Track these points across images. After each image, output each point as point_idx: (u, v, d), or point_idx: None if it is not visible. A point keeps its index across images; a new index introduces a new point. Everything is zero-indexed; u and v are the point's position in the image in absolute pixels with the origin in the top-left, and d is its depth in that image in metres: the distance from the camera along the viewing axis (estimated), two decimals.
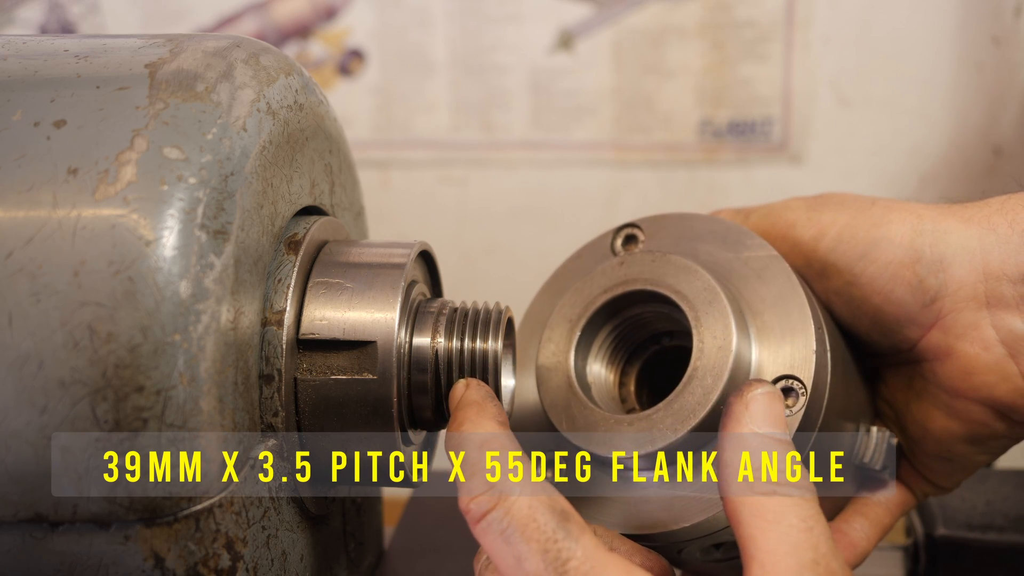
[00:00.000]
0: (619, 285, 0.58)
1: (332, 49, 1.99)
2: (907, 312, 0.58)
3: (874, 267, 0.59)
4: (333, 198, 0.61)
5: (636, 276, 0.58)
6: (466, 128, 2.00)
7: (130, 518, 0.44)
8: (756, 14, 1.88)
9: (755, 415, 0.49)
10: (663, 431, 0.53)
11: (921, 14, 1.82)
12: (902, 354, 0.61)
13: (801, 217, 0.61)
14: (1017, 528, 0.70)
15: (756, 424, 0.49)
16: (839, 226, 0.60)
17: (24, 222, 0.44)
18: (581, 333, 0.59)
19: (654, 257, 0.58)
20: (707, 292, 0.55)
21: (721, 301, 0.54)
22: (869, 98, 1.84)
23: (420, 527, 0.78)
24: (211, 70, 0.49)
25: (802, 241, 0.61)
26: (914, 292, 0.58)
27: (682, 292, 0.56)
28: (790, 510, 0.47)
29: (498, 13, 1.94)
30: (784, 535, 0.46)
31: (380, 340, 0.52)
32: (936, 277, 0.57)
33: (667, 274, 0.57)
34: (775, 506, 0.47)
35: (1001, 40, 1.80)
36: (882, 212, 0.60)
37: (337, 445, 0.53)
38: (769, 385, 0.50)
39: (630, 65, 1.94)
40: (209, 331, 0.45)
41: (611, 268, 0.59)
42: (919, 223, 0.58)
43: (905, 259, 0.58)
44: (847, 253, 0.59)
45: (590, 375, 0.59)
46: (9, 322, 0.43)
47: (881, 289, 0.59)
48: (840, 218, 0.60)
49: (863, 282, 0.59)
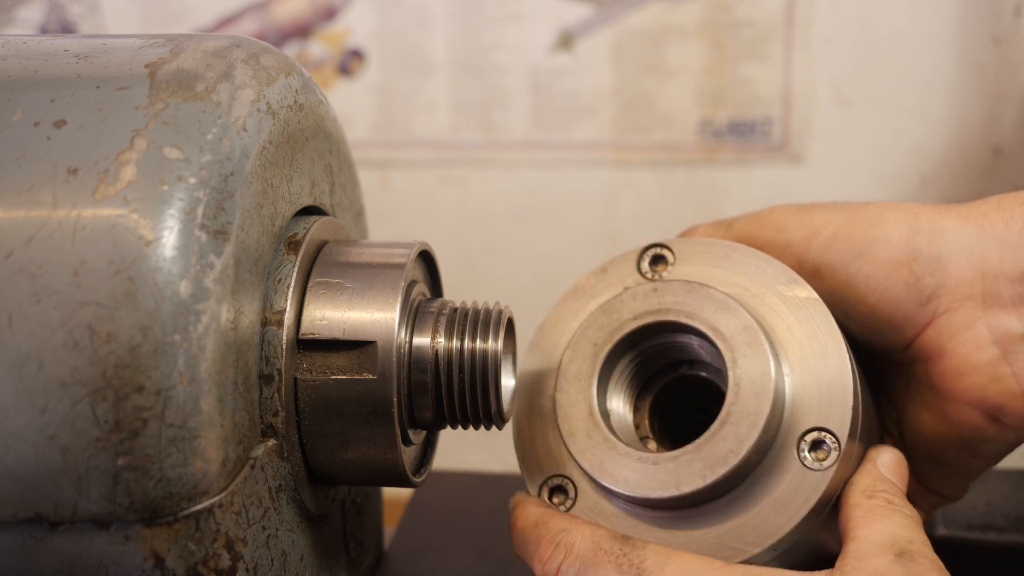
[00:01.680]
0: (651, 313, 0.56)
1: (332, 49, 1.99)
2: (903, 312, 0.58)
3: (870, 266, 0.58)
4: (333, 198, 0.61)
5: (671, 306, 0.56)
6: (466, 128, 2.00)
7: (130, 518, 0.44)
8: (756, 14, 1.88)
9: (884, 463, 0.54)
10: (691, 476, 0.52)
11: (921, 14, 1.82)
12: (895, 355, 0.60)
13: (791, 219, 0.60)
14: (1017, 528, 0.70)
15: (886, 469, 0.54)
16: (833, 226, 0.59)
17: (24, 222, 0.44)
18: (606, 359, 0.57)
19: (691, 288, 0.56)
20: (747, 333, 0.53)
21: (762, 344, 0.53)
22: (869, 98, 1.84)
23: (420, 527, 0.78)
24: (211, 70, 0.49)
25: (793, 242, 0.59)
26: (910, 291, 0.57)
27: (719, 330, 0.54)
28: (898, 518, 0.50)
29: (498, 13, 1.95)
30: (884, 528, 0.50)
31: (380, 340, 0.52)
32: (933, 276, 0.57)
33: (704, 308, 0.55)
34: (885, 510, 0.51)
35: (1001, 40, 1.80)
36: (878, 211, 0.59)
37: (337, 445, 0.53)
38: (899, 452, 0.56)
39: (630, 65, 1.94)
40: (209, 331, 0.45)
41: (643, 293, 0.57)
42: (916, 221, 0.58)
43: (902, 257, 0.57)
44: (842, 252, 0.58)
45: (611, 402, 0.58)
46: (9, 322, 0.43)
47: (877, 288, 0.58)
48: (834, 218, 0.59)
49: (858, 282, 0.58)
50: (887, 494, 0.53)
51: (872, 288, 0.58)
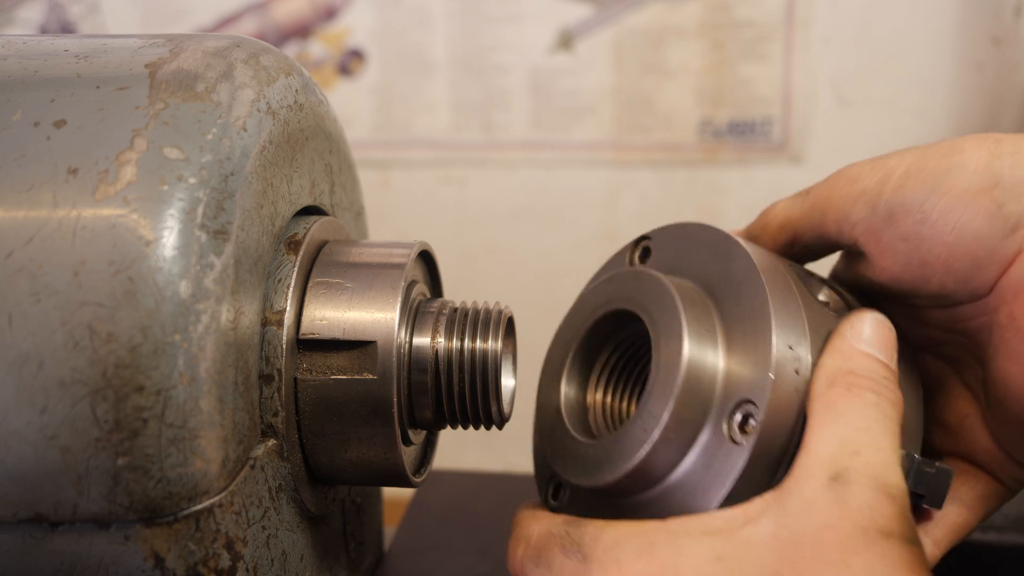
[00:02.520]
0: (603, 305, 0.57)
1: (332, 49, 1.99)
2: (985, 247, 0.52)
3: (946, 199, 0.52)
4: (333, 198, 0.61)
5: (617, 295, 0.56)
6: (466, 128, 2.00)
7: (130, 518, 0.44)
8: (756, 14, 1.88)
9: (860, 333, 0.50)
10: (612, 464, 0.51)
11: (921, 14, 1.82)
12: (978, 303, 0.55)
13: (864, 169, 0.55)
14: (1017, 528, 0.70)
15: (860, 342, 0.49)
16: (906, 164, 0.54)
17: (24, 222, 0.44)
18: (574, 355, 0.57)
19: (636, 274, 0.55)
20: (669, 309, 0.52)
21: (677, 318, 0.51)
22: (869, 98, 1.84)
23: (421, 527, 0.78)
24: (211, 70, 0.49)
25: (867, 189, 0.54)
26: (992, 221, 0.51)
27: (649, 310, 0.53)
28: (855, 410, 0.47)
29: (498, 13, 1.95)
30: (833, 433, 0.46)
31: (380, 340, 0.52)
32: (1018, 202, 0.51)
33: (642, 291, 0.54)
34: (843, 403, 0.47)
35: (1001, 40, 1.80)
36: (954, 142, 0.53)
37: (337, 445, 0.53)
38: (882, 316, 0.51)
39: (630, 65, 1.94)
40: (209, 331, 0.45)
41: (600, 287, 0.57)
42: (996, 147, 0.52)
43: (981, 184, 0.51)
44: (915, 189, 0.52)
45: (591, 395, 0.58)
46: (9, 322, 0.43)
47: (955, 224, 0.52)
48: (907, 156, 0.54)
49: (934, 218, 0.52)
50: (852, 376, 0.49)
51: (950, 225, 0.52)
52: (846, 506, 0.44)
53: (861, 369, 0.49)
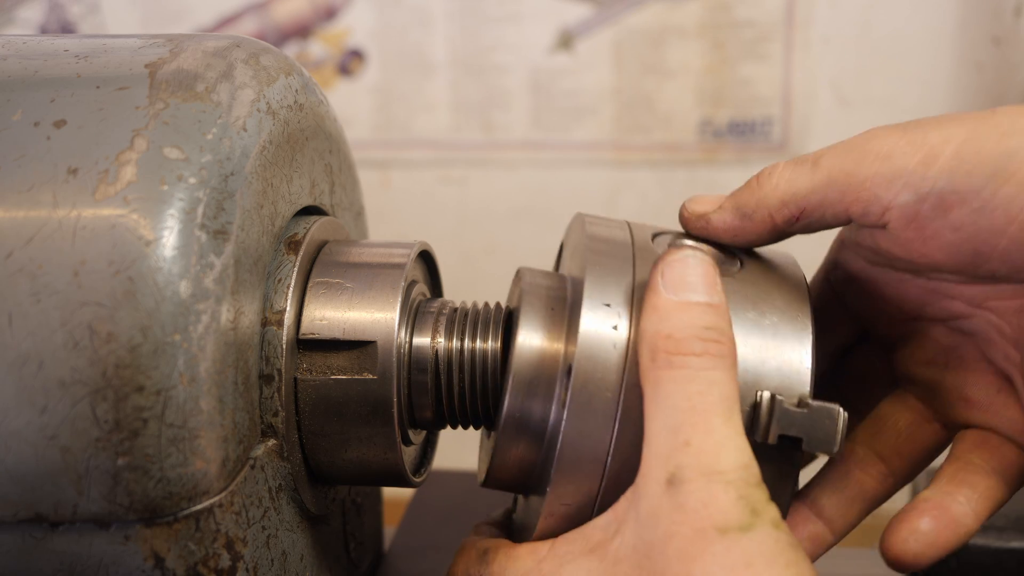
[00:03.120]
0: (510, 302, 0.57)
1: (332, 49, 1.99)
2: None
3: (1010, 185, 0.46)
4: (333, 198, 0.61)
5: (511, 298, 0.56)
6: (466, 128, 2.00)
7: (130, 518, 0.44)
8: (756, 14, 1.88)
9: (669, 281, 0.45)
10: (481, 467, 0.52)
11: (921, 14, 1.82)
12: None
13: (898, 144, 0.48)
14: (1018, 529, 0.70)
15: (670, 290, 0.45)
16: (956, 143, 0.47)
17: (24, 222, 0.44)
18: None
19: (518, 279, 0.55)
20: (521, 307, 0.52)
21: (523, 316, 0.51)
22: (869, 98, 1.84)
23: (421, 527, 0.78)
24: (211, 70, 0.49)
25: (907, 170, 0.48)
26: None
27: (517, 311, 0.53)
28: (679, 388, 0.43)
29: (498, 13, 1.95)
30: (664, 424, 0.43)
31: (380, 340, 0.52)
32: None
33: (515, 294, 0.55)
34: (665, 381, 0.43)
35: (1001, 40, 1.80)
36: (1012, 118, 0.47)
37: (337, 445, 0.53)
38: (688, 249, 0.46)
39: (630, 65, 1.94)
40: (209, 331, 0.45)
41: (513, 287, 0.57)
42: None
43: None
44: (972, 173, 0.46)
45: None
46: (9, 322, 0.43)
47: (1020, 213, 0.46)
48: (955, 133, 0.47)
49: (994, 206, 0.46)
50: (671, 342, 0.44)
51: (1013, 214, 0.46)
52: (683, 509, 0.42)
53: (679, 329, 0.45)
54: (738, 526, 0.40)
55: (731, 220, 0.52)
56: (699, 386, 0.43)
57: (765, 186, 0.52)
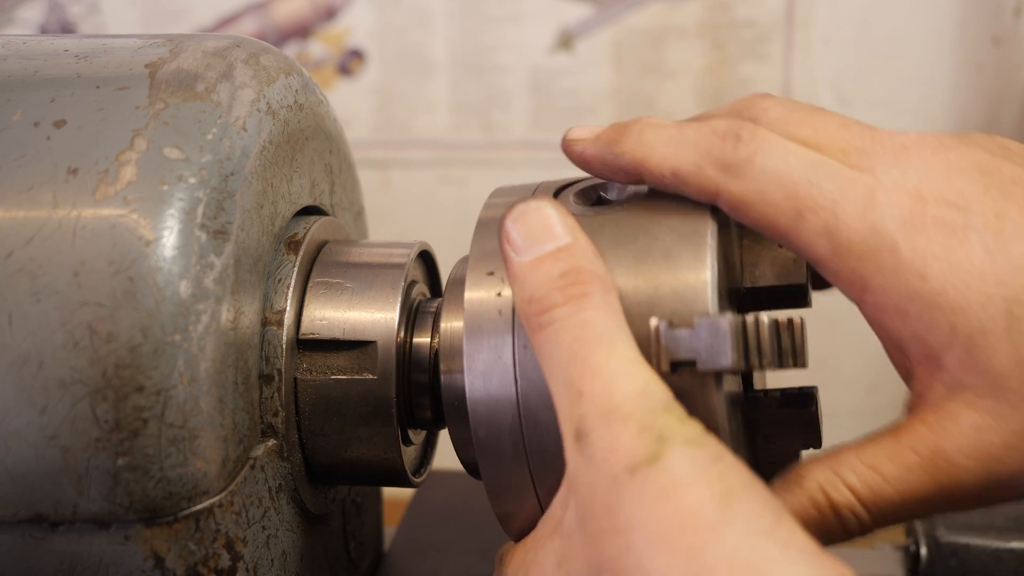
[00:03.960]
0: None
1: (332, 49, 1.99)
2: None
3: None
4: (333, 198, 0.61)
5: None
6: (466, 128, 2.00)
7: (130, 518, 0.44)
8: (756, 14, 1.88)
9: (514, 243, 0.43)
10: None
11: (921, 14, 1.82)
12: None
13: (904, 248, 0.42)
14: (1018, 528, 0.70)
15: (518, 252, 0.43)
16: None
17: (24, 222, 0.44)
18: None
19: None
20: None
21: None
22: (869, 98, 1.84)
23: (421, 527, 0.78)
24: (211, 70, 0.49)
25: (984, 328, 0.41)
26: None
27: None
28: (556, 347, 0.40)
29: (498, 13, 1.94)
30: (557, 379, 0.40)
31: (380, 340, 0.52)
32: None
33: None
34: (544, 346, 0.41)
35: (1001, 40, 1.80)
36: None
37: (337, 445, 0.53)
38: (524, 202, 0.44)
39: (630, 65, 1.94)
40: (209, 331, 0.45)
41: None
42: None
43: None
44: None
45: None
46: (9, 322, 0.43)
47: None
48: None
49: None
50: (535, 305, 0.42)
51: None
52: (593, 461, 0.38)
53: (537, 288, 0.42)
54: (645, 459, 0.37)
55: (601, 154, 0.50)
56: (571, 333, 0.40)
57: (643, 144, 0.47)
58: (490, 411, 0.46)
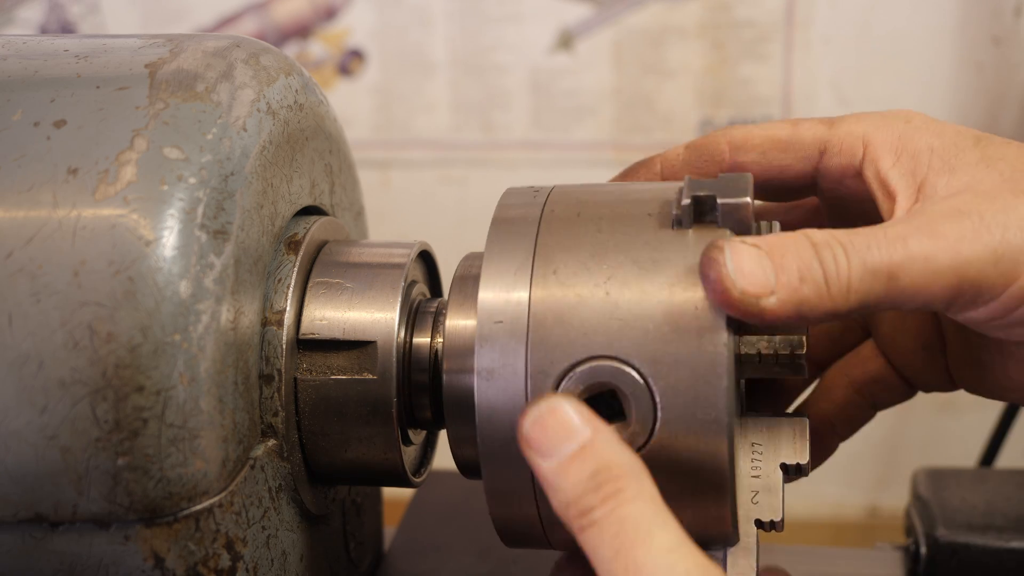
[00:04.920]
0: None
1: (332, 49, 1.99)
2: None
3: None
4: (333, 198, 0.61)
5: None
6: (466, 128, 2.00)
7: (130, 518, 0.44)
8: (756, 14, 1.88)
9: (537, 448, 0.42)
10: None
11: (921, 14, 1.82)
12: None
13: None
14: (1018, 528, 0.70)
15: (544, 457, 0.42)
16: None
17: (24, 222, 0.44)
18: None
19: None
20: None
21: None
22: (869, 98, 1.84)
23: (420, 527, 0.78)
24: (211, 70, 0.49)
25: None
26: None
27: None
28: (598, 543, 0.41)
29: (498, 13, 1.94)
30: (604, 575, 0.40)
31: (380, 340, 0.52)
32: None
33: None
34: (589, 544, 0.41)
35: (1001, 40, 1.80)
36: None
37: (337, 445, 0.53)
38: (536, 406, 0.42)
39: (630, 65, 1.94)
40: (209, 331, 0.45)
41: None
42: None
43: None
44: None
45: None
46: (9, 322, 0.43)
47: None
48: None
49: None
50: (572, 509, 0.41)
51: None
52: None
53: (571, 493, 0.41)
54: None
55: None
56: (611, 530, 0.41)
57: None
58: (498, 414, 0.46)
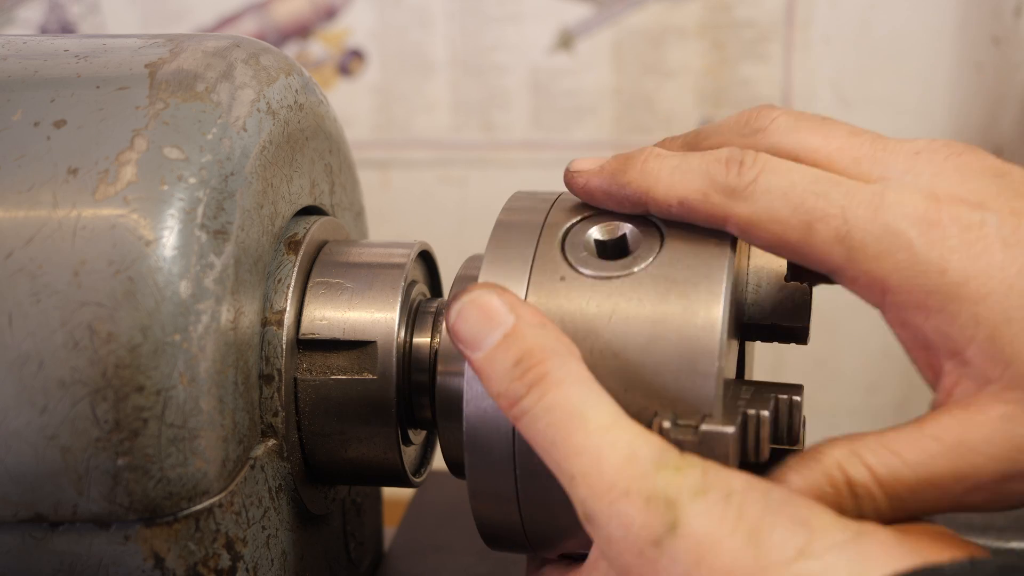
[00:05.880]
0: None
1: (332, 49, 1.99)
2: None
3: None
4: (333, 198, 0.61)
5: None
6: (466, 128, 2.00)
7: (130, 518, 0.44)
8: (756, 14, 1.88)
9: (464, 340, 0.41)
10: None
11: (921, 14, 1.82)
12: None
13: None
14: (1018, 528, 0.70)
15: (471, 349, 0.41)
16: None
17: (24, 222, 0.44)
18: None
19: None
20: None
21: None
22: (869, 98, 1.84)
23: (421, 527, 0.78)
24: (211, 70, 0.49)
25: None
26: None
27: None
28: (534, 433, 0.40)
29: (498, 13, 1.94)
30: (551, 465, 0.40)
31: (380, 340, 0.52)
32: None
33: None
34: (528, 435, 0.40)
35: (1001, 40, 1.80)
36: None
37: (337, 445, 0.53)
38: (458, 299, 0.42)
39: (630, 65, 1.94)
40: (209, 331, 0.45)
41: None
42: None
43: None
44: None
45: None
46: (9, 322, 0.43)
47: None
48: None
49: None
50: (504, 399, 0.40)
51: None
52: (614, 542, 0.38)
53: (499, 382, 0.41)
54: (664, 530, 0.36)
55: (605, 185, 0.48)
56: (543, 420, 0.39)
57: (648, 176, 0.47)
58: (485, 416, 0.45)
